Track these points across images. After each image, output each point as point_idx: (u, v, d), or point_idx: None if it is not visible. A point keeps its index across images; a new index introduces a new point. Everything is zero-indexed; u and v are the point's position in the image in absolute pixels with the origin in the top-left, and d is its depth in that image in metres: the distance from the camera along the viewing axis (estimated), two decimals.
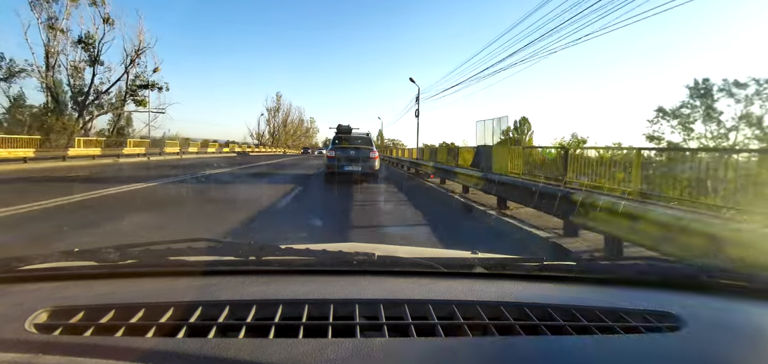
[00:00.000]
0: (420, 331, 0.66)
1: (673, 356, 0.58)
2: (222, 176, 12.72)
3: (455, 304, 0.76)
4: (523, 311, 0.75)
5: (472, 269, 0.97)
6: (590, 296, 0.83)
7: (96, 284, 0.85)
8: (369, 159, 10.85)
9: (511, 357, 0.57)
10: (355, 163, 10.81)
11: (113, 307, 0.71)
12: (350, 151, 11.02)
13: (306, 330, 0.66)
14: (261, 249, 0.96)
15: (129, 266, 0.90)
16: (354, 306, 0.74)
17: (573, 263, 1.02)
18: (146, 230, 4.67)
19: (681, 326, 0.70)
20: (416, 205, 7.68)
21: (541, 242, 4.58)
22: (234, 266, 0.94)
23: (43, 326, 0.66)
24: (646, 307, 0.78)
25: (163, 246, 0.98)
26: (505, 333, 0.66)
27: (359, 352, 0.57)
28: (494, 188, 6.85)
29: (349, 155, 10.94)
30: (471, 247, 1.28)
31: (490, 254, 1.11)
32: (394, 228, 5.52)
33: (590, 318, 0.74)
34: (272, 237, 4.62)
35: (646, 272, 0.98)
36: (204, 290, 0.79)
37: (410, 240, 4.85)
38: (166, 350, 0.57)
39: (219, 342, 0.59)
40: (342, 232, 5.05)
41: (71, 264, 0.92)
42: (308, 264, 0.96)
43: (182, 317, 0.70)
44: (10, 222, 4.88)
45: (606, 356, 0.58)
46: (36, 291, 0.79)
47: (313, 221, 5.89)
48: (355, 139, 11.80)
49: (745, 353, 0.61)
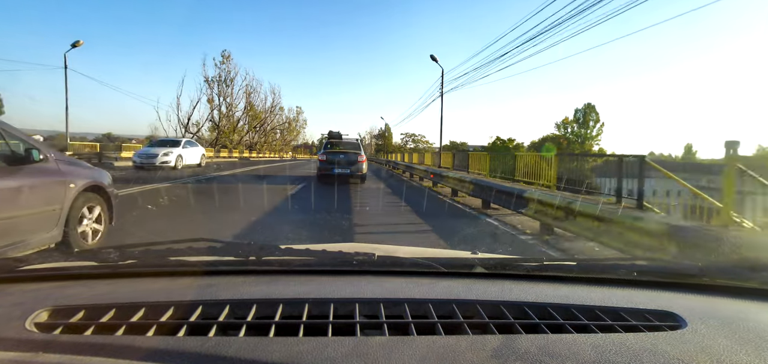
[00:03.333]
0: (420, 330, 0.66)
1: (673, 356, 0.58)
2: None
3: (455, 303, 0.76)
4: (523, 310, 0.75)
5: (472, 269, 0.97)
6: (590, 295, 0.83)
7: (96, 283, 0.86)
8: (357, 162, 11.83)
9: (511, 356, 0.57)
10: (344, 167, 11.73)
11: (113, 306, 0.72)
12: (340, 155, 11.90)
13: (306, 329, 0.66)
14: (261, 249, 0.96)
15: (129, 265, 0.91)
16: (354, 305, 0.74)
17: (573, 262, 1.02)
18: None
19: (682, 326, 0.70)
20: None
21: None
22: (234, 266, 0.94)
23: (44, 326, 0.66)
24: (647, 306, 0.78)
25: (164, 246, 0.98)
26: (505, 332, 0.66)
27: (359, 350, 0.57)
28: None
29: (338, 159, 11.82)
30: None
31: (489, 254, 1.11)
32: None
33: (590, 317, 0.74)
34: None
35: (646, 271, 0.98)
36: (204, 290, 0.79)
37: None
38: (167, 349, 0.57)
39: (219, 341, 0.59)
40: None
41: (71, 264, 0.92)
42: (308, 264, 0.96)
43: (182, 316, 0.70)
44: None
45: (606, 355, 0.58)
46: (36, 291, 0.79)
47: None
48: (345, 143, 12.71)
49: (747, 353, 0.61)
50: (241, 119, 44.32)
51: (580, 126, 31.19)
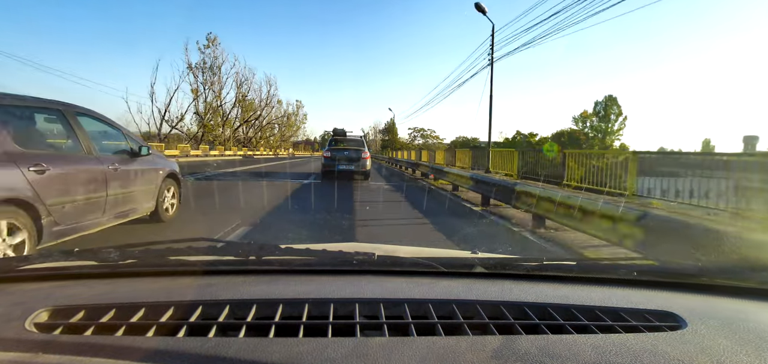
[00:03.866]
0: (420, 330, 0.66)
1: (674, 356, 0.58)
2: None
3: (455, 303, 0.76)
4: (523, 311, 0.75)
5: (472, 269, 0.97)
6: (590, 295, 0.83)
7: (96, 283, 0.86)
8: (361, 159, 12.16)
9: (511, 356, 0.57)
10: (348, 163, 12.04)
11: (113, 306, 0.72)
12: (344, 152, 12.20)
13: (306, 329, 0.66)
14: (261, 249, 0.96)
15: (129, 265, 0.91)
16: (354, 306, 0.74)
17: (573, 262, 1.02)
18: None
19: (682, 326, 0.70)
20: None
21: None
22: (234, 266, 0.94)
23: (44, 326, 0.66)
24: (647, 306, 0.78)
25: (163, 246, 0.98)
26: (505, 332, 0.66)
27: (359, 351, 0.57)
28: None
29: (343, 155, 12.12)
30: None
31: (489, 254, 1.11)
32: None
33: (590, 318, 0.74)
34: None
35: (646, 271, 0.98)
36: (204, 290, 0.79)
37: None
38: (167, 350, 0.57)
39: (219, 341, 0.59)
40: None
41: (71, 264, 0.92)
42: (308, 264, 0.96)
43: (182, 316, 0.70)
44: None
45: (606, 355, 0.58)
46: (36, 291, 0.79)
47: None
48: (349, 141, 13.01)
49: (747, 353, 0.61)
50: (232, 112, 39.90)
51: (601, 119, 28.50)
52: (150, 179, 4.62)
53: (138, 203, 4.38)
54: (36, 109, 3.38)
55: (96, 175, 3.63)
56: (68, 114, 3.55)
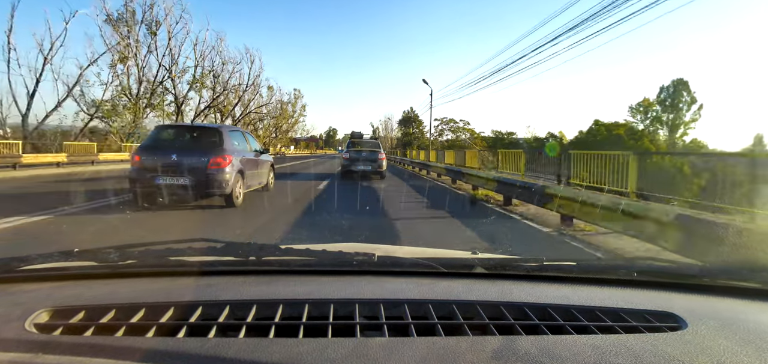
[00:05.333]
0: (420, 331, 0.66)
1: (674, 356, 0.58)
2: None
3: (455, 304, 0.76)
4: (523, 311, 0.75)
5: (472, 269, 0.97)
6: (590, 295, 0.83)
7: (96, 284, 0.86)
8: (377, 160, 13.45)
9: (511, 357, 0.57)
10: (365, 163, 13.31)
11: (113, 307, 0.72)
12: (362, 153, 13.49)
13: (306, 330, 0.66)
14: (261, 249, 0.96)
15: (129, 266, 0.91)
16: (354, 306, 0.74)
17: (573, 262, 1.02)
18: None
19: (682, 326, 0.70)
20: None
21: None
22: (234, 266, 0.94)
23: (44, 326, 0.66)
24: (647, 307, 0.78)
25: (163, 246, 0.98)
26: (505, 333, 0.66)
27: (359, 351, 0.57)
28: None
29: (360, 156, 13.42)
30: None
31: (489, 254, 1.11)
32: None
33: (590, 318, 0.74)
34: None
35: (647, 271, 0.98)
36: (204, 290, 0.79)
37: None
38: (167, 350, 0.57)
39: (219, 342, 0.59)
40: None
41: (71, 264, 0.92)
42: (308, 264, 0.96)
43: (182, 316, 0.70)
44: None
45: (606, 356, 0.58)
46: (36, 291, 0.80)
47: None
48: (366, 143, 14.45)
49: (747, 354, 0.61)
50: (190, 93, 27.13)
51: (667, 109, 23.43)
52: (266, 166, 8.41)
53: (263, 179, 8.18)
54: (239, 132, 7.54)
55: (255, 162, 7.52)
56: (243, 132, 7.70)
